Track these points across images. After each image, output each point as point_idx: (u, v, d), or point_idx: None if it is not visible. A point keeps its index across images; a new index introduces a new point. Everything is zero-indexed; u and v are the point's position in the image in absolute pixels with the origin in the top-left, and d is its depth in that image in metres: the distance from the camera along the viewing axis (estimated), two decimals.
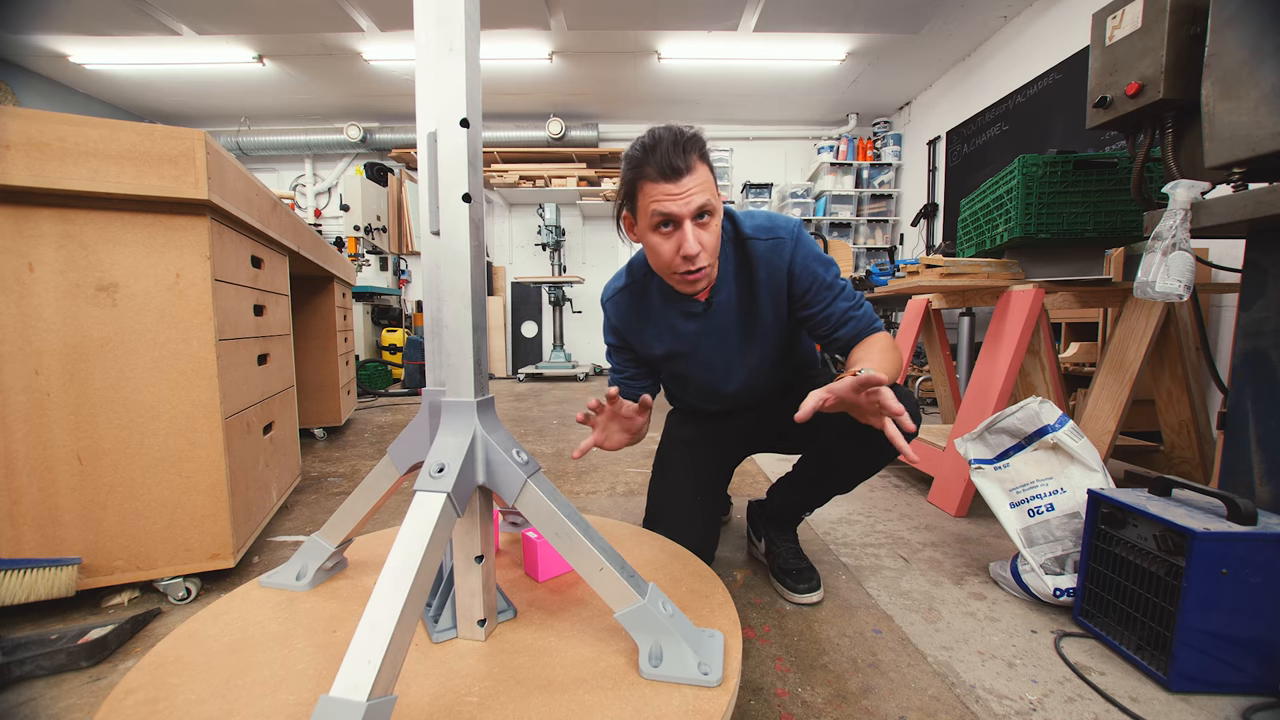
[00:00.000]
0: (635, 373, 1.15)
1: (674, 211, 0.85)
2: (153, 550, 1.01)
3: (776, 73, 4.39)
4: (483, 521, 0.69)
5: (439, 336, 0.71)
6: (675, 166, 0.82)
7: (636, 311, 1.08)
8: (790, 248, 0.98)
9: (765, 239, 0.99)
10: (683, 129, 0.85)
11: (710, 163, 0.88)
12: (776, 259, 0.98)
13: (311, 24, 3.66)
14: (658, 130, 0.86)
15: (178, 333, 1.00)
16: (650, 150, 0.84)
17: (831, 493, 1.10)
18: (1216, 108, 0.96)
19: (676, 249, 0.87)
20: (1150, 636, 0.85)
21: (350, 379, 2.79)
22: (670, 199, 0.84)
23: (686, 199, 0.84)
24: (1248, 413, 1.00)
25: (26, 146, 0.85)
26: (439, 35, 0.62)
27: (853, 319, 0.99)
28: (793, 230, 0.99)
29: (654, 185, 0.84)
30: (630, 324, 1.09)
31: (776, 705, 0.79)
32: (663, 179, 0.83)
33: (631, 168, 0.87)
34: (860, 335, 0.99)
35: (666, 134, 0.84)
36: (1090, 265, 1.59)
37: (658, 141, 0.84)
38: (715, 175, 0.89)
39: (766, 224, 1.00)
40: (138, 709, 0.58)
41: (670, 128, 0.85)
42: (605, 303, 1.12)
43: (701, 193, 0.84)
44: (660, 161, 0.83)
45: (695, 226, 0.86)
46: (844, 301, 0.99)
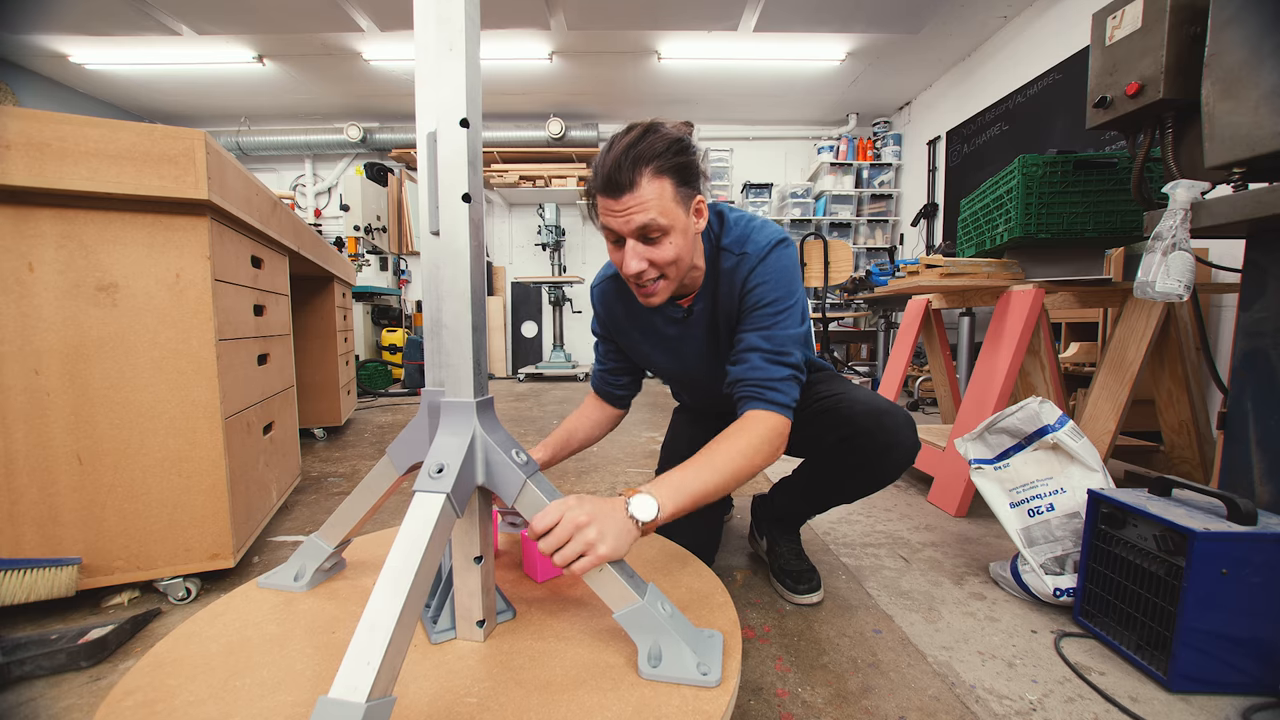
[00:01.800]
0: (616, 366, 1.14)
1: (614, 228, 0.81)
2: (153, 550, 1.01)
3: (776, 73, 4.38)
4: (482, 522, 0.69)
5: (439, 336, 0.71)
6: (615, 182, 0.78)
7: (622, 303, 1.06)
8: (751, 265, 0.90)
9: (735, 253, 0.92)
10: (646, 134, 0.79)
11: (676, 174, 0.80)
12: (735, 277, 0.92)
13: (311, 24, 3.66)
14: (618, 135, 0.80)
15: (178, 333, 1.00)
16: (602, 157, 0.80)
17: (834, 503, 1.10)
18: (1216, 108, 0.96)
19: (622, 263, 0.84)
20: (1150, 636, 0.85)
21: (350, 379, 2.79)
22: (610, 215, 0.81)
23: (625, 217, 0.79)
24: (1248, 413, 1.00)
25: (26, 146, 0.85)
26: (439, 35, 0.62)
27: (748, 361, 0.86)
28: (763, 247, 0.90)
29: (600, 196, 0.81)
30: (614, 315, 1.08)
31: (776, 705, 0.79)
32: (605, 193, 0.80)
33: (591, 176, 0.83)
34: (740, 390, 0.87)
35: (620, 143, 0.79)
36: (1090, 265, 1.59)
37: (612, 147, 0.79)
38: (685, 184, 0.82)
39: (742, 236, 0.93)
40: (136, 710, 0.58)
41: (631, 133, 0.79)
42: (594, 290, 1.10)
43: (644, 211, 0.78)
44: (603, 175, 0.79)
45: (642, 244, 0.82)
46: (758, 338, 0.87)
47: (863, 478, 1.00)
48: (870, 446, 0.95)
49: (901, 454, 0.95)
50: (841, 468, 0.99)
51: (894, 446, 0.94)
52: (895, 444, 0.94)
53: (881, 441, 0.94)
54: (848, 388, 1.01)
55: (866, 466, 0.97)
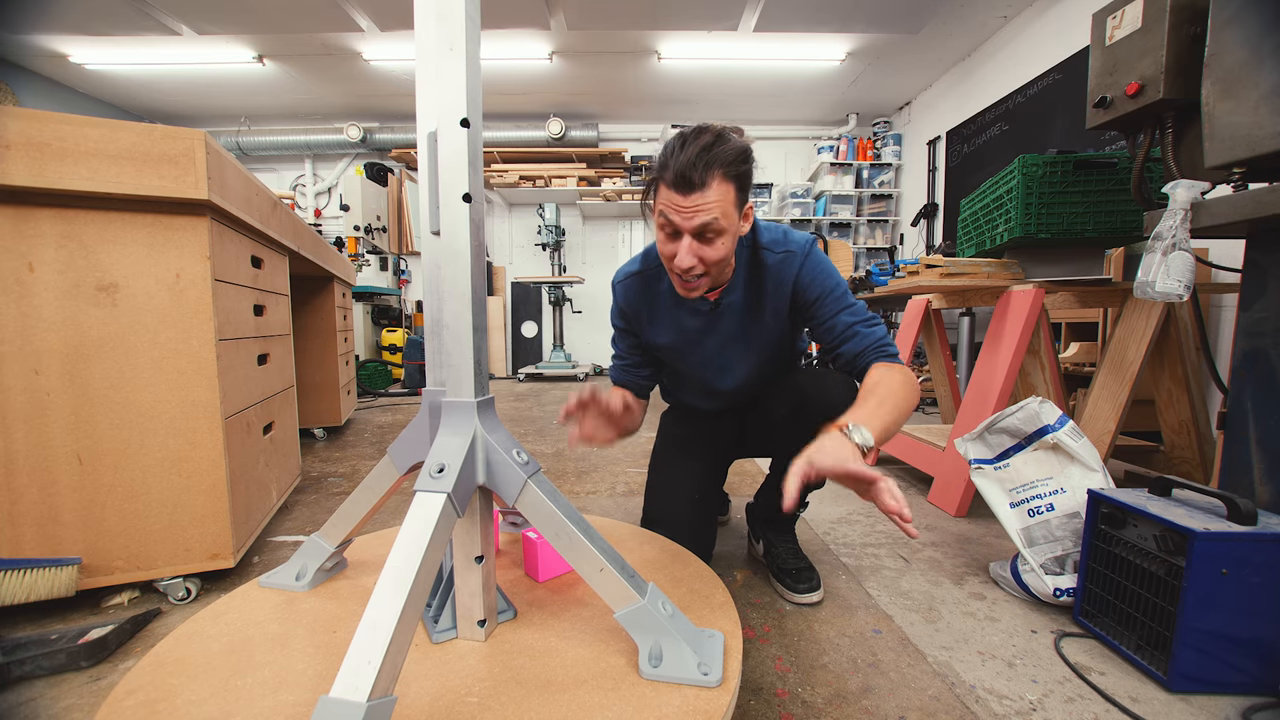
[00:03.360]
0: (638, 360, 1.16)
1: (676, 223, 0.85)
2: (153, 550, 1.01)
3: (776, 73, 4.38)
4: (483, 522, 0.69)
5: (439, 336, 0.71)
6: (688, 180, 0.82)
7: (645, 298, 1.09)
8: (799, 261, 0.98)
9: (778, 252, 1.00)
10: (721, 138, 0.83)
11: (740, 180, 0.85)
12: (784, 272, 0.99)
13: (311, 24, 3.66)
14: (690, 133, 0.84)
15: (178, 333, 1.00)
16: (675, 151, 0.83)
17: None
18: (1216, 108, 0.96)
19: (672, 255, 0.88)
20: (1150, 636, 0.85)
21: (350, 379, 2.79)
22: (675, 210, 0.84)
23: (690, 214, 0.83)
24: (1248, 413, 1.00)
25: (26, 146, 0.85)
26: (439, 35, 0.62)
27: (857, 334, 0.96)
28: (804, 246, 0.99)
29: (666, 190, 0.85)
30: (638, 309, 1.11)
31: (776, 705, 0.79)
32: (674, 188, 0.83)
33: (658, 164, 0.87)
34: (865, 357, 0.95)
35: (700, 141, 0.82)
36: (1090, 265, 1.59)
37: (687, 144, 0.83)
38: (744, 191, 0.87)
39: (781, 238, 1.01)
40: (137, 709, 0.58)
41: (713, 133, 0.83)
42: (616, 284, 1.13)
43: (708, 212, 0.83)
44: (676, 169, 0.82)
45: (696, 241, 0.86)
46: (849, 315, 0.97)
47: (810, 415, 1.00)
48: (815, 410, 0.98)
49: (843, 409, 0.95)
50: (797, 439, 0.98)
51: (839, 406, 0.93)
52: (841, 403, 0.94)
53: (825, 402, 0.98)
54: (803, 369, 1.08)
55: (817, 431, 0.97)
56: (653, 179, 0.89)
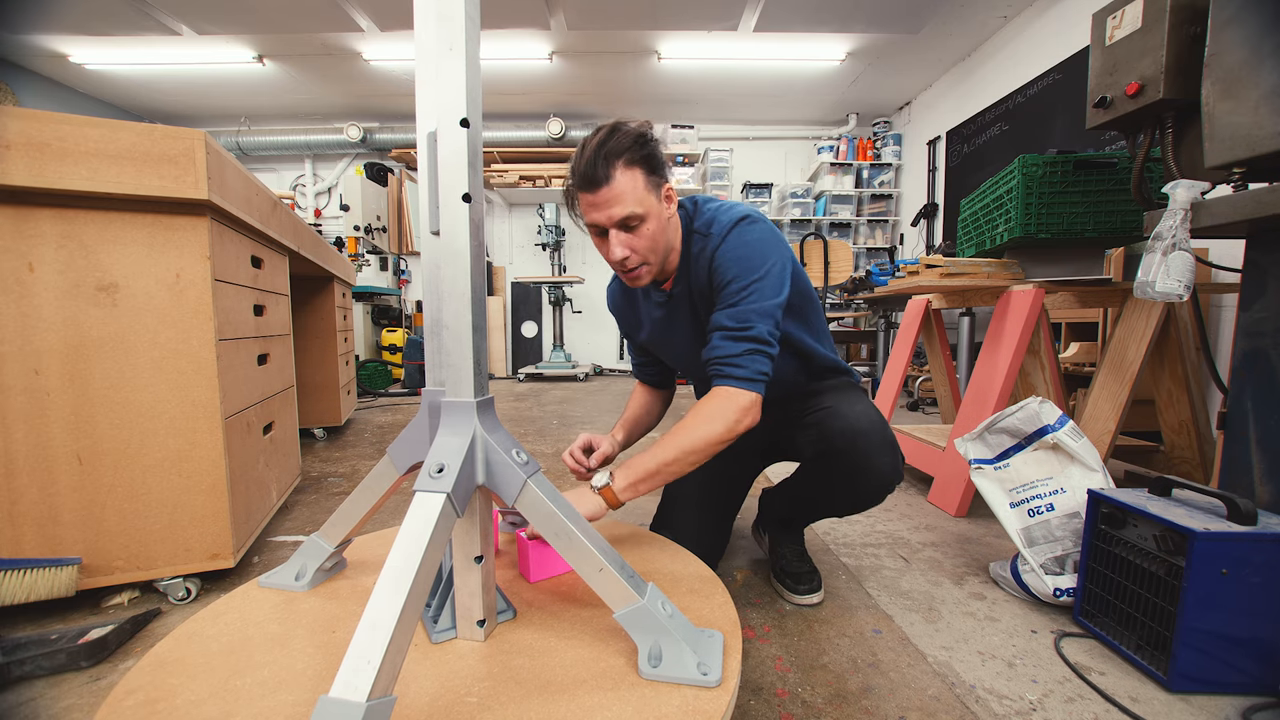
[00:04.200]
0: (642, 360, 1.23)
1: (596, 221, 0.86)
2: (153, 550, 1.01)
3: (776, 73, 4.38)
4: (482, 522, 0.69)
5: (439, 336, 0.71)
6: (592, 178, 0.83)
7: (625, 298, 1.14)
8: (715, 245, 0.91)
9: (703, 234, 0.95)
10: (615, 131, 0.83)
11: (645, 164, 0.85)
12: (702, 257, 0.94)
13: (311, 24, 3.66)
14: (588, 139, 0.85)
15: (178, 333, 1.00)
16: (576, 158, 0.85)
17: (819, 514, 1.10)
18: (1216, 108, 0.96)
19: (608, 254, 0.89)
20: (1150, 636, 0.85)
21: (350, 379, 2.79)
22: (592, 209, 0.86)
23: (606, 210, 0.84)
24: (1248, 413, 1.00)
25: (26, 146, 0.85)
26: (439, 35, 0.62)
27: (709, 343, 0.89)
28: (726, 225, 0.91)
29: (581, 194, 0.86)
30: (621, 310, 1.16)
31: (776, 705, 0.79)
32: (583, 189, 0.84)
33: (570, 174, 0.87)
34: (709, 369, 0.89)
35: (591, 143, 0.83)
36: (1090, 265, 1.59)
37: (584, 147, 0.84)
38: (654, 173, 0.87)
39: (710, 218, 0.95)
40: (137, 709, 0.58)
41: (600, 133, 0.84)
42: (608, 290, 1.19)
43: (622, 203, 0.84)
44: (580, 173, 0.84)
45: (622, 233, 0.87)
46: (723, 317, 0.88)
47: (840, 497, 1.00)
48: (842, 468, 0.95)
49: (875, 479, 0.93)
50: (821, 484, 1.01)
51: (866, 471, 0.92)
52: (867, 468, 0.92)
53: (853, 464, 0.93)
54: (843, 400, 0.99)
55: (841, 487, 0.98)
56: (569, 191, 0.89)
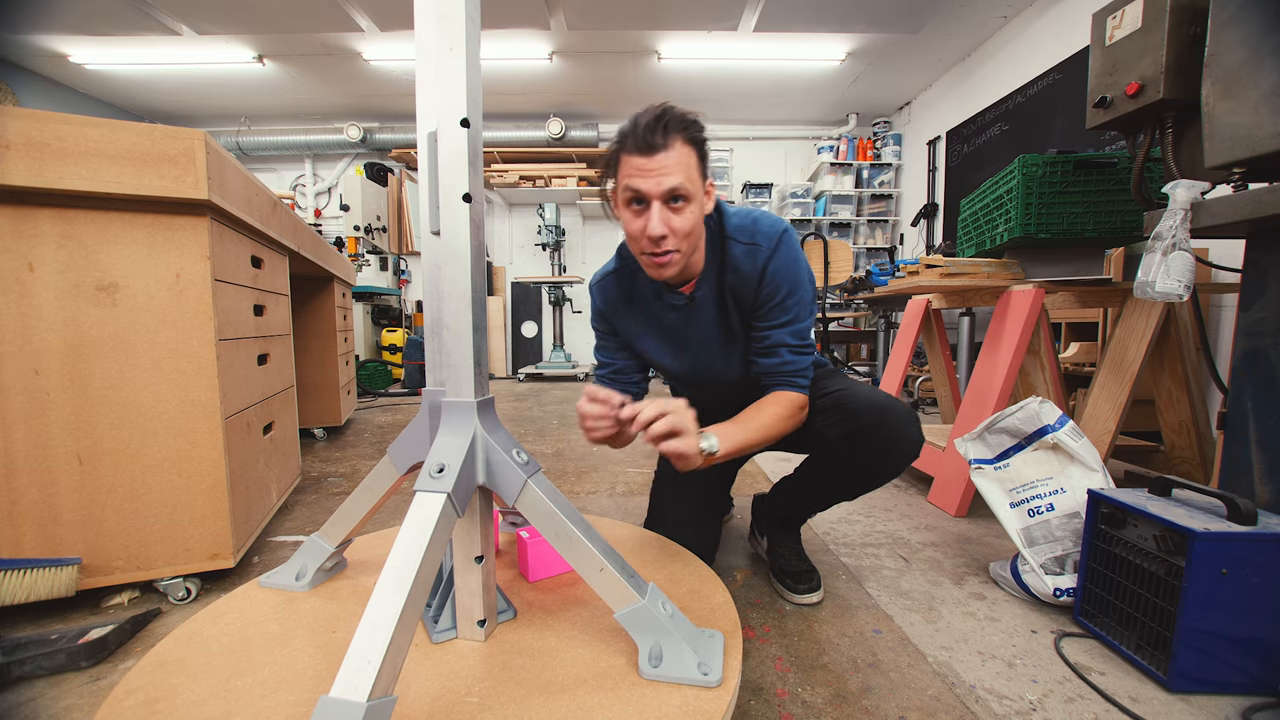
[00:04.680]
0: (625, 365, 1.11)
1: (644, 189, 0.82)
2: (153, 550, 1.01)
3: (776, 73, 4.38)
4: (483, 522, 0.69)
5: (439, 336, 0.71)
6: (651, 142, 0.81)
7: (624, 296, 1.06)
8: (766, 255, 0.93)
9: (744, 242, 0.95)
10: (671, 108, 0.83)
11: (698, 148, 0.86)
12: (749, 266, 0.94)
13: (311, 24, 3.66)
14: (650, 106, 0.84)
15: (178, 333, 1.00)
16: (632, 124, 0.83)
17: (835, 500, 1.10)
18: (1216, 108, 0.96)
19: (644, 230, 0.85)
20: (1150, 636, 0.85)
21: (350, 379, 2.79)
22: (641, 174, 0.82)
23: (658, 177, 0.81)
24: (1248, 413, 1.00)
25: (26, 146, 0.85)
26: (439, 35, 0.62)
27: (777, 358, 0.96)
28: (773, 237, 0.94)
29: (629, 158, 0.83)
30: (617, 309, 1.07)
31: (776, 705, 0.79)
32: (638, 152, 0.82)
33: (616, 140, 0.86)
34: (772, 378, 0.96)
35: (652, 111, 0.83)
36: (1090, 265, 1.59)
37: (641, 116, 0.83)
38: (704, 162, 0.87)
39: (748, 225, 0.96)
40: (138, 709, 0.58)
41: (661, 105, 0.84)
42: (593, 286, 1.09)
43: (675, 174, 0.82)
44: (638, 134, 0.81)
45: (665, 209, 0.84)
46: (786, 334, 0.95)
47: (867, 473, 1.00)
48: (874, 442, 0.95)
49: (906, 449, 0.96)
50: (846, 464, 1.00)
51: (899, 442, 0.95)
52: (900, 439, 0.95)
53: (886, 437, 0.95)
54: (849, 384, 1.02)
55: (871, 462, 0.98)
56: (613, 153, 0.86)
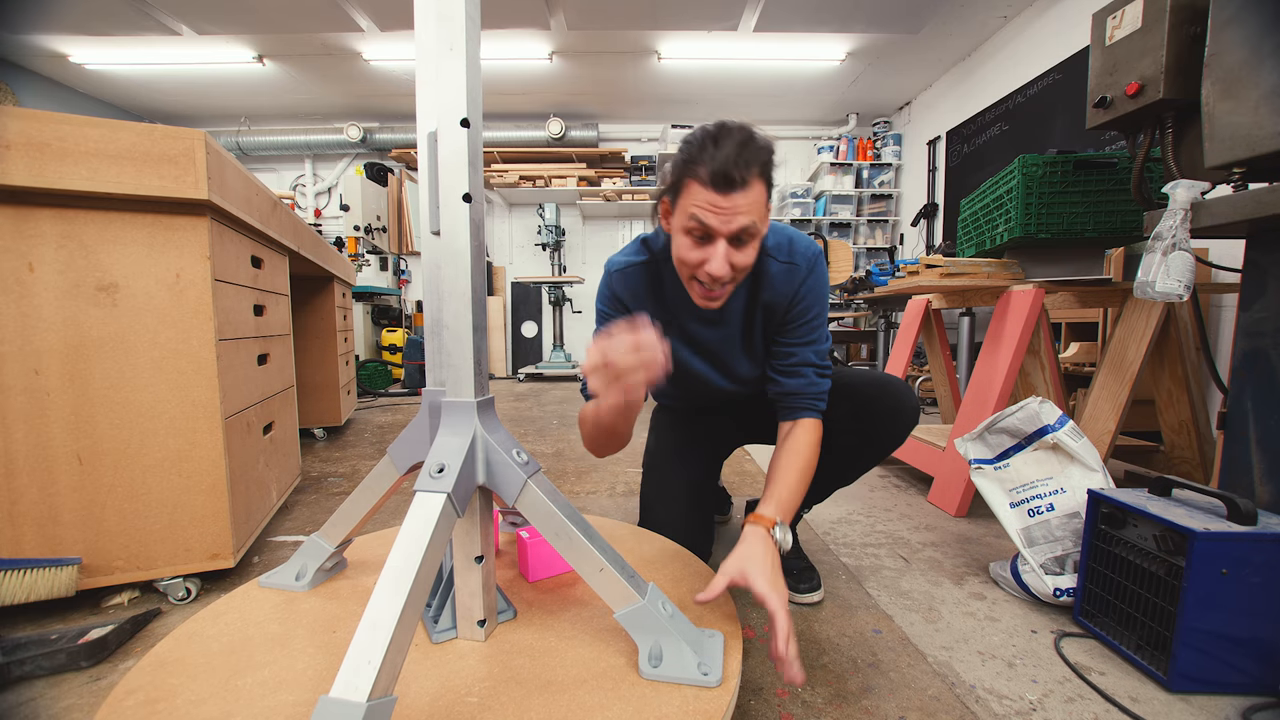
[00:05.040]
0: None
1: (713, 226, 0.77)
2: (153, 550, 1.01)
3: (776, 73, 4.38)
4: (483, 522, 0.69)
5: (439, 336, 0.71)
6: (729, 177, 0.74)
7: (650, 291, 1.00)
8: (802, 276, 0.94)
9: (782, 261, 0.94)
10: (754, 136, 0.76)
11: (770, 179, 0.79)
12: (785, 285, 0.94)
13: (311, 24, 3.65)
14: (729, 125, 0.76)
15: (178, 333, 1.00)
16: (709, 146, 0.75)
17: (834, 486, 1.10)
18: (1216, 108, 0.96)
19: (701, 262, 0.80)
20: (1150, 636, 0.85)
21: (350, 379, 2.79)
22: (712, 212, 0.76)
23: (729, 216, 0.76)
24: (1248, 413, 1.00)
25: (26, 146, 0.85)
26: (439, 35, 0.62)
27: (802, 378, 0.96)
28: (810, 258, 0.95)
29: (701, 188, 0.76)
30: (641, 302, 1.01)
31: (776, 705, 0.79)
32: (712, 186, 0.75)
33: (685, 158, 0.78)
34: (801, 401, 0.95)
35: (734, 137, 0.75)
36: (1090, 265, 1.59)
37: (721, 140, 0.75)
38: (771, 191, 0.82)
39: (785, 244, 0.95)
40: (138, 709, 0.58)
41: (743, 129, 0.76)
42: (614, 272, 1.01)
43: (748, 214, 0.76)
44: (715, 165, 0.74)
45: (730, 248, 0.79)
46: (812, 354, 0.96)
47: (871, 449, 1.04)
48: (879, 411, 0.99)
49: (908, 416, 1.00)
50: (851, 438, 1.02)
51: (901, 409, 1.00)
52: (901, 406, 1.00)
53: (889, 405, 0.99)
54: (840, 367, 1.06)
55: (876, 433, 1.02)
56: (679, 172, 0.79)
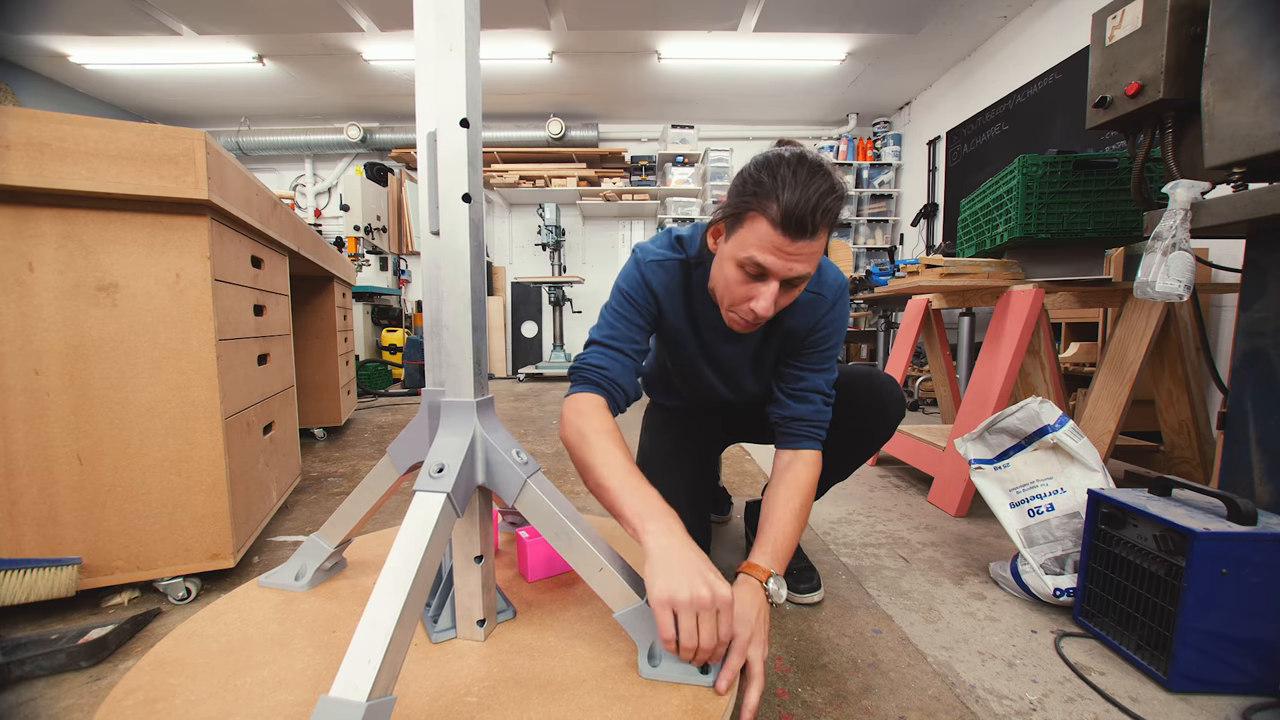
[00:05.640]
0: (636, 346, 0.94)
1: (774, 268, 0.74)
2: (153, 550, 1.01)
3: (776, 73, 4.38)
4: (482, 522, 0.69)
5: (439, 336, 0.71)
6: (803, 224, 0.70)
7: (683, 292, 0.97)
8: (826, 308, 0.95)
9: (811, 290, 0.94)
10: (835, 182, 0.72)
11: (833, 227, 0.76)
12: (810, 314, 0.95)
13: (311, 24, 3.66)
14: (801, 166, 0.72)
15: (178, 333, 1.00)
16: (788, 185, 0.71)
17: (828, 483, 1.10)
18: (1216, 108, 0.96)
19: (748, 298, 0.78)
20: (1150, 636, 0.85)
21: (350, 379, 2.79)
22: (776, 255, 0.73)
23: (793, 262, 0.74)
24: (1248, 413, 1.00)
25: (26, 146, 0.85)
26: (439, 35, 0.62)
27: (810, 404, 0.96)
28: (837, 290, 0.95)
29: (768, 226, 0.72)
30: (672, 297, 0.96)
31: (776, 705, 0.79)
32: (782, 229, 0.71)
33: (757, 189, 0.73)
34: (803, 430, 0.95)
35: (813, 185, 0.70)
36: (1090, 265, 1.59)
37: (803, 178, 0.70)
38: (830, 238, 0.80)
39: (816, 274, 0.94)
40: (137, 709, 0.58)
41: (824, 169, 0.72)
42: (650, 261, 0.94)
43: (808, 262, 0.75)
44: (791, 207, 0.70)
45: (780, 290, 0.77)
46: (821, 380, 0.96)
47: (861, 443, 1.06)
48: (868, 404, 1.03)
49: (895, 408, 1.04)
50: (841, 434, 1.03)
51: (889, 402, 1.03)
52: (890, 398, 1.03)
53: (878, 397, 1.03)
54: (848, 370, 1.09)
55: (866, 427, 1.04)
56: (745, 204, 0.75)
